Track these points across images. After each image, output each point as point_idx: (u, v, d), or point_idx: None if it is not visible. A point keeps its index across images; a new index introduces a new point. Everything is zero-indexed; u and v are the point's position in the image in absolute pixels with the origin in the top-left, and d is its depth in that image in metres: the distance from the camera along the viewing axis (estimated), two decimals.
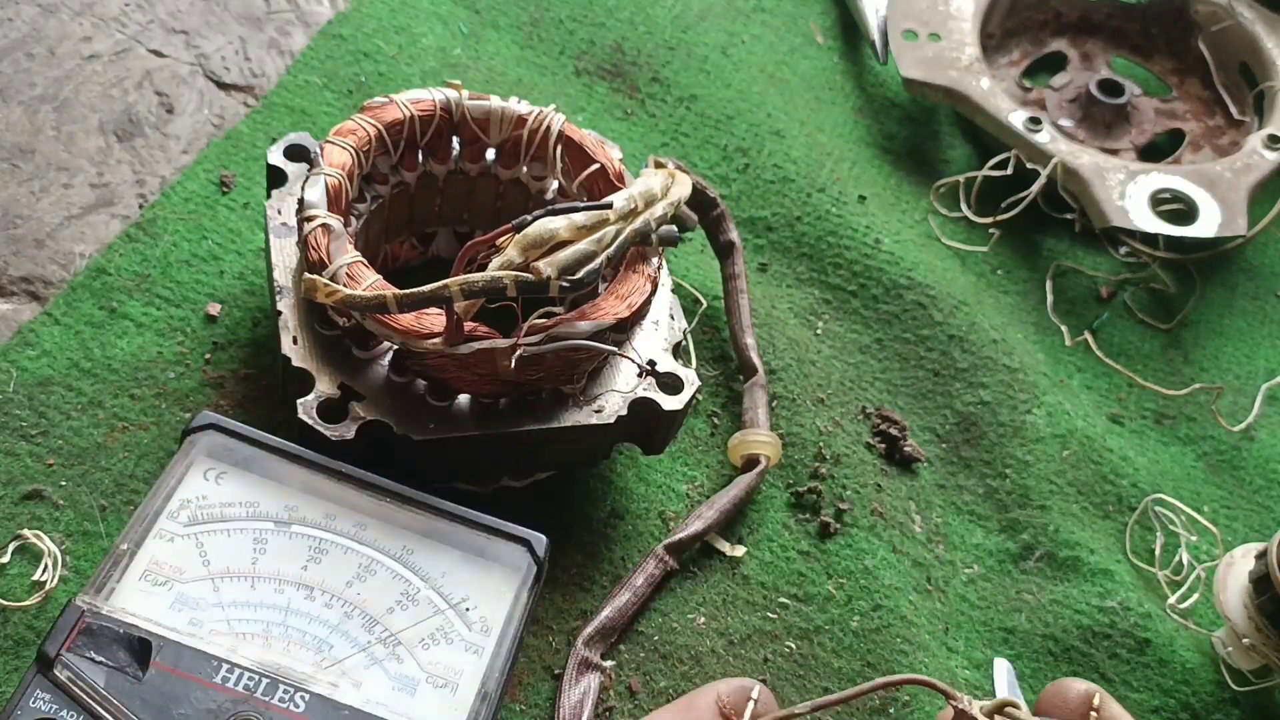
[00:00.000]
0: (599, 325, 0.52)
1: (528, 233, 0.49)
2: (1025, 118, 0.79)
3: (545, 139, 0.59)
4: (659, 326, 0.57)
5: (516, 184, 0.62)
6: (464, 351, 0.49)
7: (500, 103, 0.59)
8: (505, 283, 0.48)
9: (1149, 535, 0.67)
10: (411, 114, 0.58)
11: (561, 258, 0.49)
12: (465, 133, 0.60)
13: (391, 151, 0.58)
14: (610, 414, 0.54)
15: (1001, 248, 0.79)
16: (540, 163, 0.60)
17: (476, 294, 0.48)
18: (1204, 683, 0.61)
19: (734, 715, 0.36)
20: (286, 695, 0.44)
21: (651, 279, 0.55)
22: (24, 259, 0.62)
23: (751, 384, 0.64)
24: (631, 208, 0.53)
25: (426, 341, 0.50)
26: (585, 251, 0.50)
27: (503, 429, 0.53)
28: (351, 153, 0.55)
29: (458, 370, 0.51)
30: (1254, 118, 0.86)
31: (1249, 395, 0.75)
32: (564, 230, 0.50)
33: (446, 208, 0.63)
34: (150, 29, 0.73)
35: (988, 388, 0.70)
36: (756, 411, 0.63)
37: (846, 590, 0.60)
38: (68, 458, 0.55)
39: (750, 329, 0.66)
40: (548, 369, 0.51)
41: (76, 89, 0.69)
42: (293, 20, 0.76)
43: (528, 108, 0.59)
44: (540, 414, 0.54)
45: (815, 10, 0.89)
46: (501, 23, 0.80)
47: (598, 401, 0.55)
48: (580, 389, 0.54)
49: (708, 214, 0.68)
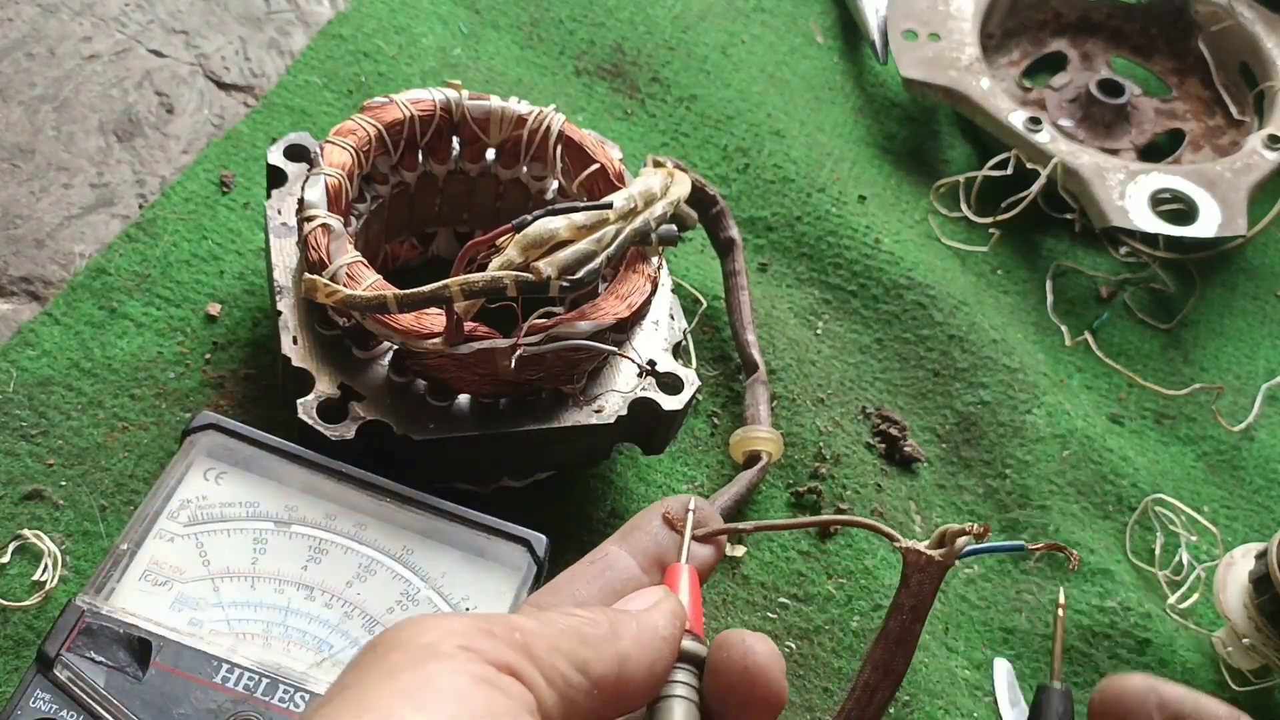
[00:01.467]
0: (599, 325, 0.51)
1: (528, 233, 0.48)
2: (1025, 118, 0.79)
3: (545, 139, 0.59)
4: (659, 326, 0.57)
5: (516, 184, 0.62)
6: (464, 351, 0.49)
7: (500, 103, 0.59)
8: (505, 283, 0.48)
9: (1149, 535, 0.67)
10: (411, 114, 0.58)
11: (561, 257, 0.49)
12: (465, 133, 0.59)
13: (391, 151, 0.58)
14: (610, 414, 0.54)
15: (1001, 248, 0.79)
16: (540, 163, 0.60)
17: (477, 294, 0.48)
18: (1204, 683, 0.61)
19: (679, 523, 0.37)
20: (287, 695, 0.44)
21: (651, 279, 0.55)
22: (24, 259, 0.62)
23: (753, 380, 0.64)
24: (631, 207, 0.53)
25: (426, 341, 0.50)
26: (585, 251, 0.50)
27: (503, 429, 0.53)
28: (352, 153, 0.55)
29: (458, 370, 0.51)
30: (1254, 118, 0.86)
31: (1249, 395, 0.75)
32: (564, 230, 0.49)
33: (446, 208, 0.63)
34: (150, 29, 0.73)
35: (988, 388, 0.70)
36: (758, 408, 0.63)
37: (846, 590, 0.60)
38: (68, 458, 0.55)
39: (751, 325, 0.66)
40: (548, 369, 0.51)
41: (76, 89, 0.69)
42: (293, 20, 0.76)
43: (528, 108, 0.59)
44: (540, 414, 0.53)
45: (815, 10, 0.89)
46: (501, 23, 0.80)
47: (598, 401, 0.54)
48: (580, 389, 0.54)
49: (707, 211, 0.68)
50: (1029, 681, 0.60)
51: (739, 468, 0.62)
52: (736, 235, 0.68)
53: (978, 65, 0.82)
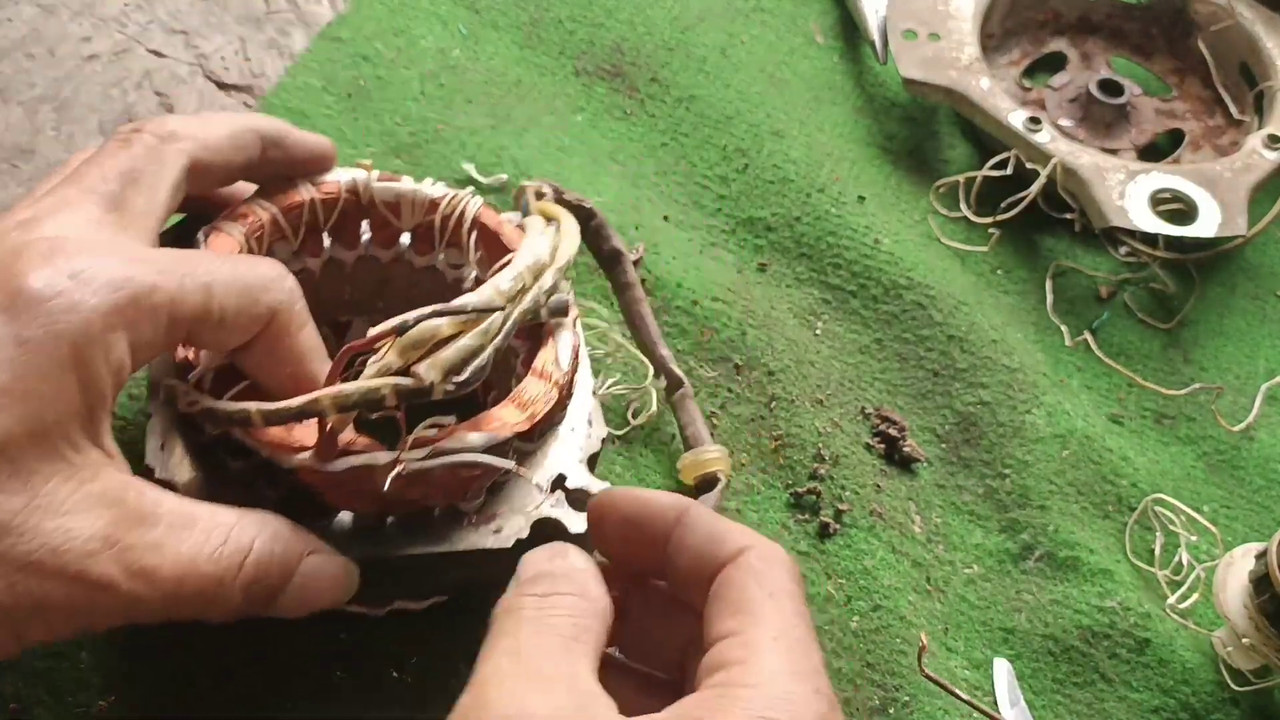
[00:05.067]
0: (493, 438, 0.46)
1: (409, 335, 0.44)
2: (1025, 118, 0.79)
3: (459, 225, 0.55)
4: (575, 433, 0.51)
5: (433, 271, 0.57)
6: (337, 469, 0.44)
7: (412, 185, 0.54)
8: (383, 393, 0.43)
9: (1149, 535, 0.67)
10: (313, 197, 0.53)
11: (445, 357, 0.44)
12: (375, 217, 0.55)
13: (291, 237, 0.53)
14: (509, 536, 0.47)
15: (1001, 248, 0.79)
16: (457, 249, 0.56)
17: (352, 407, 0.43)
18: (1204, 683, 0.61)
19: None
20: None
21: (560, 385, 0.49)
22: None
23: (680, 396, 0.61)
24: (520, 287, 0.48)
25: (295, 457, 0.44)
26: (470, 347, 0.45)
27: (387, 552, 0.47)
28: (240, 241, 0.50)
29: (333, 487, 0.46)
30: (1254, 117, 0.86)
31: (1249, 395, 0.75)
32: (446, 325, 0.45)
33: (358, 295, 0.57)
34: (150, 29, 0.73)
35: (987, 388, 0.70)
36: (697, 426, 0.61)
37: (846, 591, 0.60)
38: None
39: (661, 339, 0.62)
40: (436, 486, 0.46)
41: (76, 89, 0.69)
42: (292, 20, 0.76)
43: (441, 190, 0.55)
44: (432, 535, 0.47)
45: (815, 10, 0.89)
46: (501, 23, 0.80)
47: (497, 520, 0.48)
48: (478, 506, 0.48)
49: (586, 225, 0.61)
50: (1029, 681, 0.60)
51: (692, 491, 0.60)
52: (621, 245, 0.63)
53: (978, 65, 0.82)
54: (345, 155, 0.70)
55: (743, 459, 0.64)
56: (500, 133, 0.73)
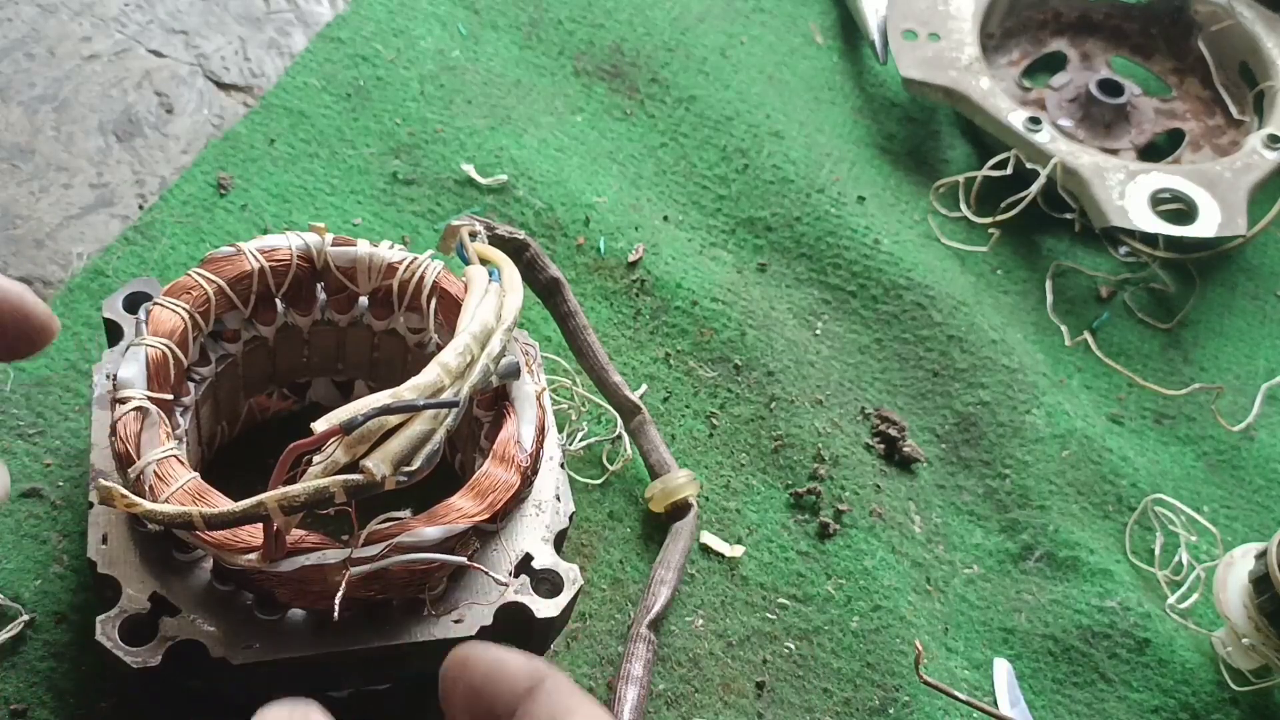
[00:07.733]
0: (450, 531, 0.44)
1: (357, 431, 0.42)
2: (1025, 118, 0.79)
3: (419, 291, 0.52)
4: (542, 510, 0.49)
5: (393, 334, 0.55)
6: (286, 570, 0.42)
7: (368, 249, 0.52)
8: (332, 491, 0.41)
9: (1149, 535, 0.67)
10: (262, 265, 0.51)
11: (394, 449, 0.42)
12: (330, 282, 0.53)
13: (241, 306, 0.51)
14: (472, 624, 0.46)
15: (1001, 248, 0.79)
16: (417, 313, 0.53)
17: (299, 509, 0.41)
18: (1204, 683, 0.61)
19: None
20: None
21: (522, 468, 0.47)
22: (23, 259, 0.62)
23: (639, 423, 0.60)
24: (468, 360, 0.46)
25: (242, 557, 0.43)
26: (420, 434, 0.43)
27: (343, 647, 0.45)
28: (184, 315, 0.48)
29: (282, 585, 0.44)
30: (1254, 117, 0.86)
31: (1249, 395, 0.75)
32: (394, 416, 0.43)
33: (316, 359, 0.56)
34: (150, 29, 0.73)
35: (987, 388, 0.70)
36: (660, 453, 0.60)
37: (846, 591, 0.60)
38: (65, 458, 0.55)
39: (611, 366, 0.60)
40: (391, 583, 0.45)
41: (76, 89, 0.69)
42: (292, 20, 0.76)
43: (400, 254, 0.53)
44: (388, 628, 0.46)
45: (815, 10, 0.89)
46: (500, 23, 0.80)
47: (458, 610, 0.46)
48: (438, 595, 0.46)
49: (519, 258, 0.59)
50: (1029, 681, 0.60)
51: (664, 518, 0.60)
52: (558, 273, 0.61)
53: (977, 65, 0.82)
54: (345, 155, 0.70)
55: (743, 459, 0.64)
56: (500, 133, 0.73)
